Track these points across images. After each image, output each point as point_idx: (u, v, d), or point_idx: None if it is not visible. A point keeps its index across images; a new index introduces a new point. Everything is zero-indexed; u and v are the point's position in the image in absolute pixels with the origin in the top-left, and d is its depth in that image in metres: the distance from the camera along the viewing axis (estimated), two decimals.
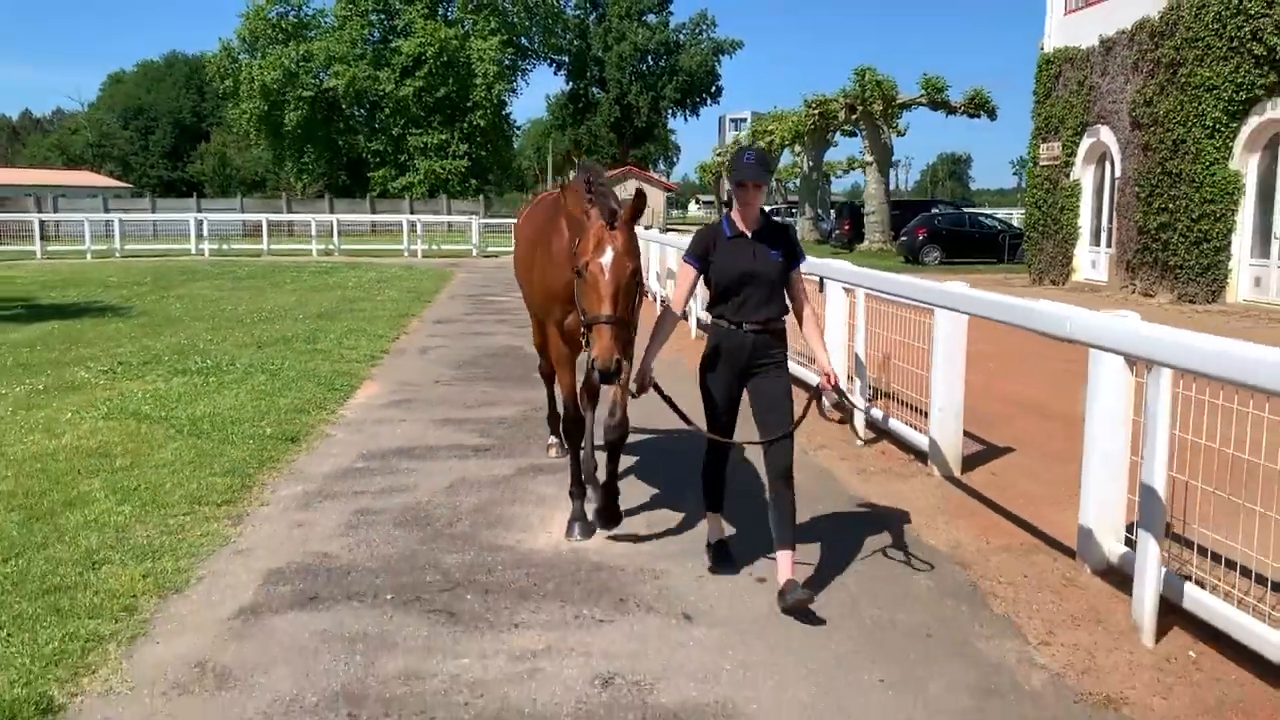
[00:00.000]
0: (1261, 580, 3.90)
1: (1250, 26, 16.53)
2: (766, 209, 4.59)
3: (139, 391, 8.66)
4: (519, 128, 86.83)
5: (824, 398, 4.64)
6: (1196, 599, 3.88)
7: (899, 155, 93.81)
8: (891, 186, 41.29)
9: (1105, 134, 21.20)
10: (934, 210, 34.97)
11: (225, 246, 33.48)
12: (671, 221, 71.17)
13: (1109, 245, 21.51)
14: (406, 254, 33.38)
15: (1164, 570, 4.01)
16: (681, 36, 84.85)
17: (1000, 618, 4.28)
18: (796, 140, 41.24)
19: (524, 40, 73.16)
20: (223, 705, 3.44)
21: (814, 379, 5.98)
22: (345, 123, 66.80)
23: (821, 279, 8.24)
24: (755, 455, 5.52)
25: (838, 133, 40.74)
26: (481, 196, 60.76)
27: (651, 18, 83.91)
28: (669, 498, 5.93)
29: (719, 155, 58.51)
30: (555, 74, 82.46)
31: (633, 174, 69.36)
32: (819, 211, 43.74)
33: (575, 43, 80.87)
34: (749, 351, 4.43)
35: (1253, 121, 16.88)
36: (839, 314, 7.83)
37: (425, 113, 63.36)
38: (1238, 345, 3.43)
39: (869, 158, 35.99)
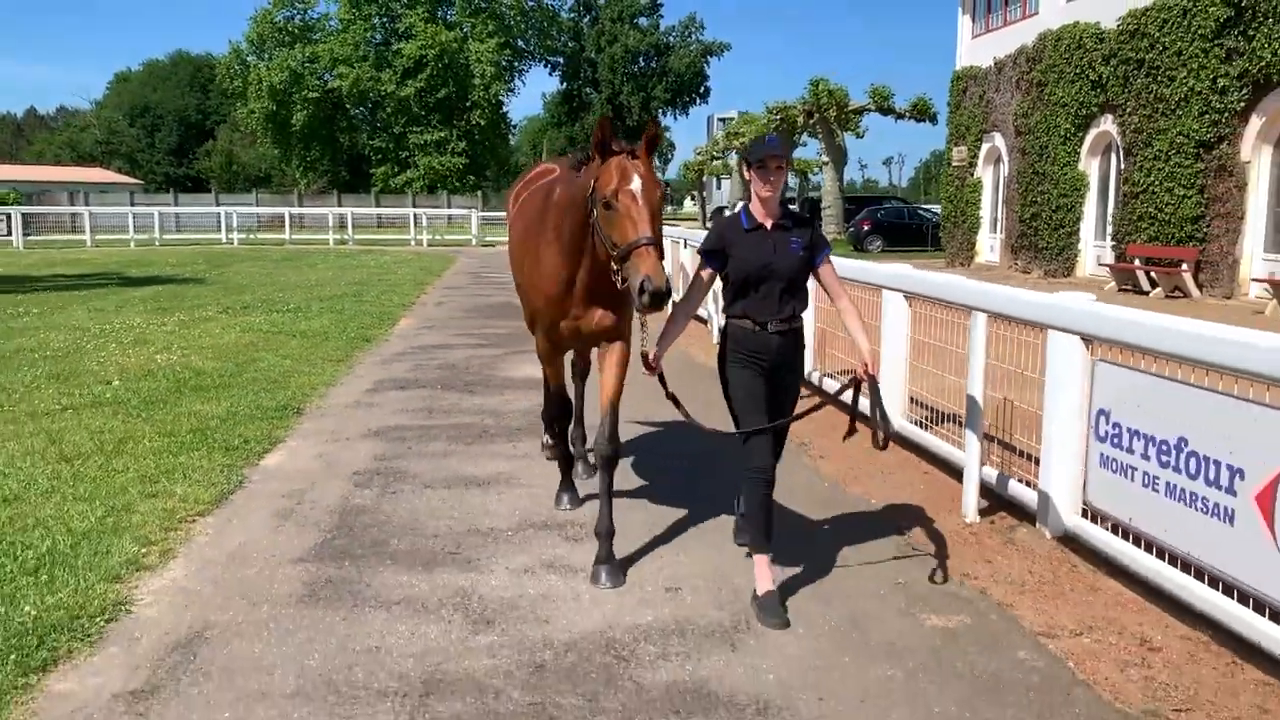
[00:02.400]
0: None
1: (1087, 58, 20.94)
2: (739, 204, 6.46)
3: (254, 321, 13.05)
4: (515, 126, 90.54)
5: (876, 430, 4.21)
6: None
7: (891, 153, 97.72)
8: (887, 183, 45.31)
9: (998, 140, 25.61)
10: (881, 206, 39.45)
11: (253, 236, 37.79)
12: (665, 218, 74.91)
13: (1000, 232, 25.92)
14: (413, 243, 37.67)
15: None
16: (671, 39, 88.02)
17: None
18: None
19: (520, 42, 76.68)
20: (371, 409, 7.87)
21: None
22: (349, 121, 70.67)
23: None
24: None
25: (804, 134, 45.03)
26: (480, 192, 65.04)
27: (643, 21, 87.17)
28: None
29: (699, 154, 62.36)
30: (550, 74, 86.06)
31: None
32: (786, 206, 48.04)
33: (570, 44, 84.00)
34: (774, 353, 4.18)
35: (1093, 132, 21.27)
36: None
37: (425, 112, 67.15)
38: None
39: (825, 158, 40.36)
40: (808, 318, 6.16)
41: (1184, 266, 17.88)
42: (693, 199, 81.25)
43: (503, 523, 5.27)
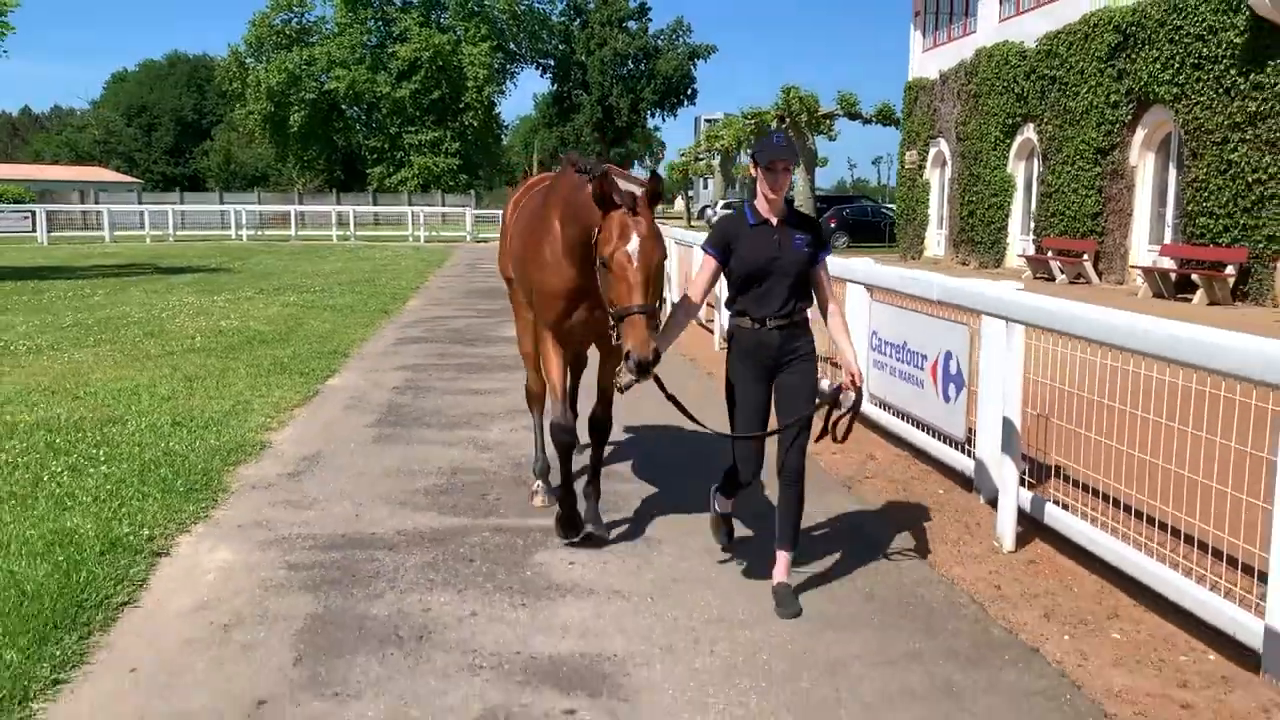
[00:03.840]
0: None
1: (1013, 73, 23.72)
2: (719, 203, 7.81)
3: (289, 299, 15.73)
4: (507, 126, 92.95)
5: (838, 402, 4.32)
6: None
7: (881, 152, 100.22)
8: (876, 182, 47.85)
9: (943, 145, 28.38)
10: (848, 205, 42.27)
11: (262, 232, 40.43)
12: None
13: (945, 228, 28.70)
14: (411, 239, 40.32)
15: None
16: (659, 42, 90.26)
17: None
18: (743, 145, 48.23)
19: (512, 45, 79.20)
20: (398, 354, 10.57)
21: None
22: (345, 122, 73.01)
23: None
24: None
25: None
26: (473, 191, 67.71)
27: (631, 24, 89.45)
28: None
29: (684, 156, 64.92)
30: (541, 76, 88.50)
31: (612, 172, 76.41)
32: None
33: (560, 47, 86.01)
34: (775, 348, 4.16)
35: (1018, 139, 24.05)
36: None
37: (420, 113, 69.59)
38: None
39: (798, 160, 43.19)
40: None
41: (1085, 257, 20.67)
42: (681, 198, 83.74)
43: (496, 409, 8.02)
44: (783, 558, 4.28)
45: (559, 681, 3.54)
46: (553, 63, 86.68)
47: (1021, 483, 5.12)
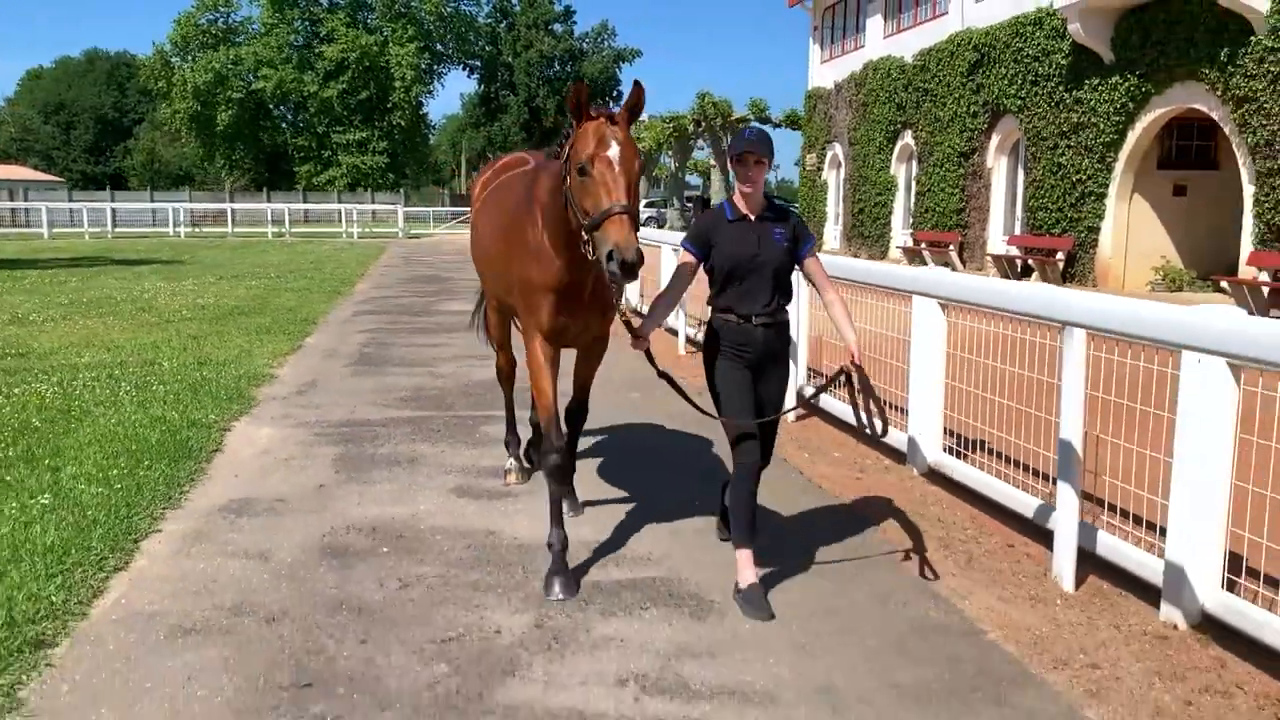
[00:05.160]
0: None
1: (894, 84, 26.70)
2: (644, 202, 9.10)
3: (251, 284, 17.81)
4: (434, 126, 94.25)
5: (866, 421, 4.22)
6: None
7: (796, 154, 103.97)
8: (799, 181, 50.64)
9: (838, 149, 31.32)
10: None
11: (198, 230, 41.88)
12: None
13: (840, 224, 31.66)
14: (344, 236, 42.11)
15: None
16: (585, 45, 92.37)
17: None
18: (664, 146, 50.92)
19: (439, 46, 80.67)
20: (357, 321, 12.84)
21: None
22: (272, 121, 73.82)
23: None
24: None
25: (695, 140, 50.56)
26: (402, 190, 69.31)
27: (557, 27, 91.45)
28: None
29: None
30: (469, 77, 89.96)
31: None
32: (684, 204, 53.65)
33: (487, 49, 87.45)
34: (760, 347, 4.15)
35: (899, 144, 27.04)
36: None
37: (348, 112, 70.70)
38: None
39: (713, 162, 46.00)
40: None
41: (951, 248, 23.67)
42: None
43: (445, 356, 10.41)
44: (746, 555, 4.17)
45: (494, 475, 5.99)
46: (479, 64, 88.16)
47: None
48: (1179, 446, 3.93)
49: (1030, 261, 20.29)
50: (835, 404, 7.29)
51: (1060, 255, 19.57)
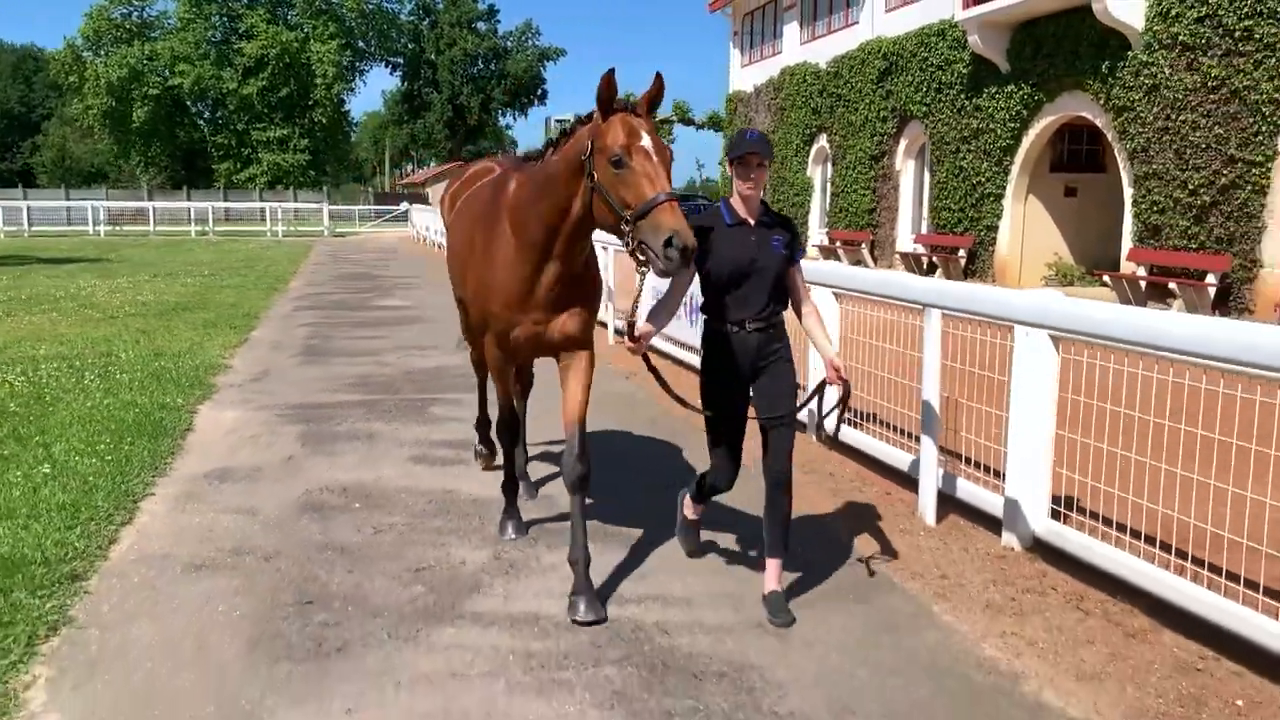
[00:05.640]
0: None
1: (810, 90, 27.92)
2: None
3: (186, 281, 18.15)
4: (356, 123, 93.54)
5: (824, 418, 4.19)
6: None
7: (702, 157, 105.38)
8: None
9: None
10: (684, 203, 46.36)
11: (119, 228, 41.40)
12: None
13: None
14: (269, 235, 42.04)
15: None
16: (509, 44, 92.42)
17: None
18: None
19: (361, 43, 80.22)
20: (298, 316, 13.39)
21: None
22: (189, 118, 72.78)
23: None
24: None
25: None
26: (325, 188, 68.93)
27: (481, 25, 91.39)
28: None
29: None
30: (391, 74, 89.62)
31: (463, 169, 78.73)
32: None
33: (410, 46, 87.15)
34: (754, 351, 4.05)
35: (814, 147, 28.27)
36: None
37: (268, 109, 69.95)
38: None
39: None
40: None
41: (863, 246, 24.94)
42: None
43: (387, 347, 11.09)
44: (774, 565, 4.14)
45: (447, 446, 6.76)
46: (402, 61, 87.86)
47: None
48: (1013, 404, 4.89)
49: (935, 259, 21.61)
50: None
51: (962, 253, 20.91)
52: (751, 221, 4.07)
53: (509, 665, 3.68)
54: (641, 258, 3.62)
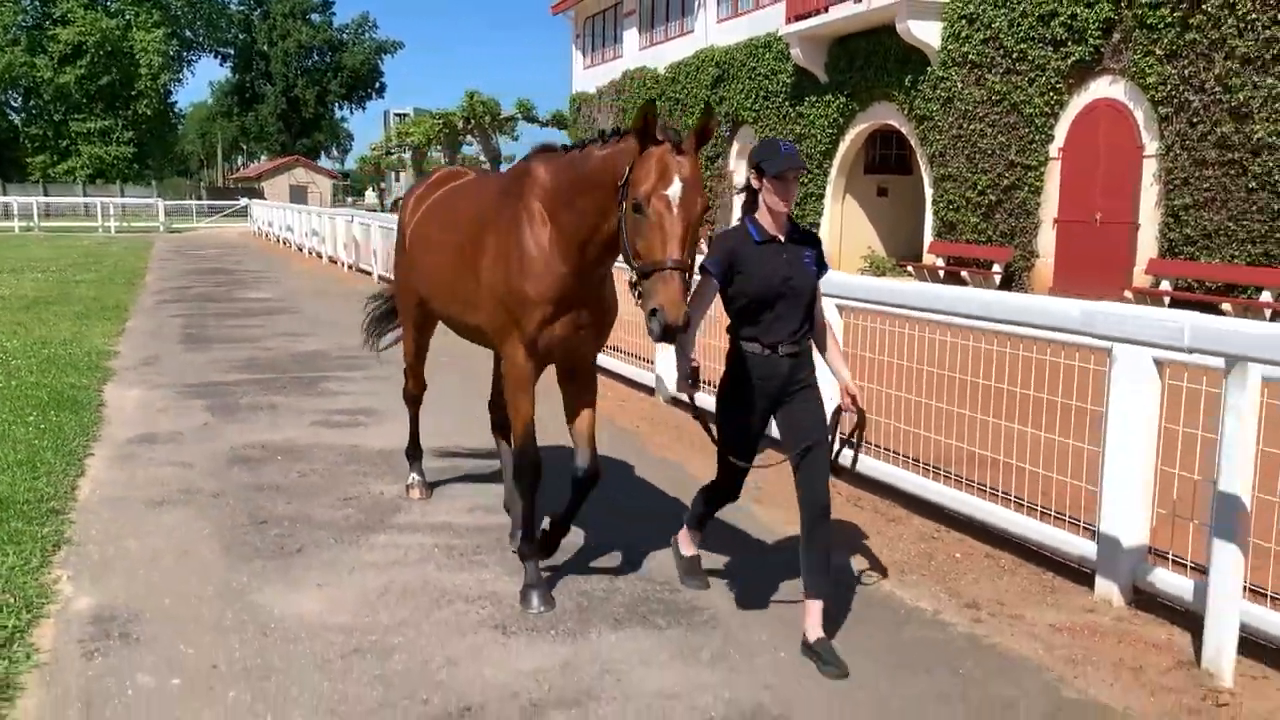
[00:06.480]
0: None
1: (649, 93, 29.46)
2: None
3: (34, 277, 18.07)
4: (182, 115, 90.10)
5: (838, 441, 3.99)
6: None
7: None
8: None
9: None
10: None
11: None
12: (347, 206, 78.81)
13: None
14: (101, 230, 40.68)
15: None
16: (345, 36, 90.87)
17: None
18: (434, 142, 52.00)
19: (188, 33, 77.48)
20: (167, 307, 13.89)
21: None
22: None
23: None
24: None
25: (465, 137, 51.99)
26: (154, 183, 66.41)
27: (315, 17, 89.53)
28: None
29: (375, 149, 67.30)
30: (221, 65, 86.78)
31: (300, 163, 77.30)
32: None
33: (240, 37, 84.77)
34: (784, 377, 3.86)
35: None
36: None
37: (87, 100, 66.79)
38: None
39: (483, 158, 47.68)
40: None
41: (701, 240, 26.67)
42: (374, 190, 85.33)
43: (266, 334, 11.88)
44: (816, 607, 3.80)
45: (344, 413, 7.79)
46: (233, 52, 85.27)
47: None
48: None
49: None
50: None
51: None
52: (781, 238, 3.87)
53: (435, 554, 4.85)
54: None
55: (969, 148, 18.00)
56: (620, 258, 3.76)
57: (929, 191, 19.17)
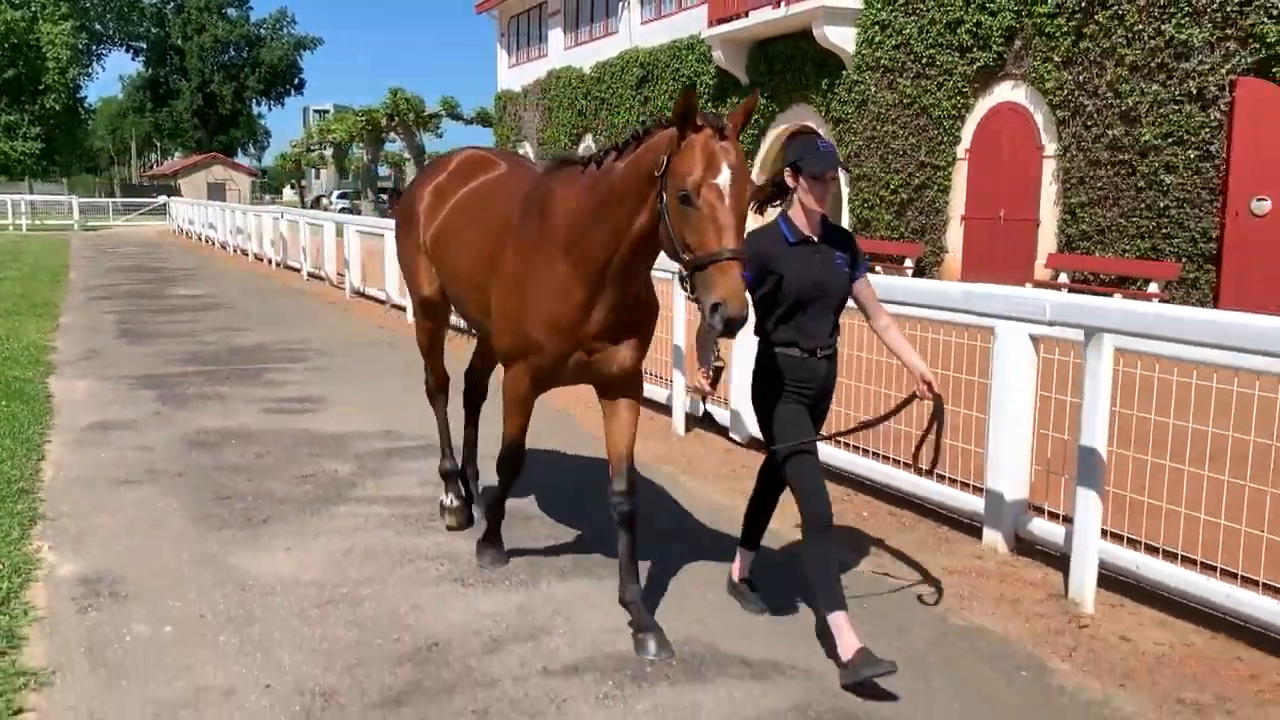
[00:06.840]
0: None
1: (575, 92, 29.93)
2: (335, 193, 10.64)
3: None
4: (92, 110, 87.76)
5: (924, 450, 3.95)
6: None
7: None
8: None
9: (529, 148, 34.22)
10: None
11: None
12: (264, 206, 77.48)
13: None
14: (13, 228, 39.64)
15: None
16: (263, 31, 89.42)
17: None
18: (356, 139, 51.66)
19: (98, 26, 75.53)
20: (99, 304, 13.93)
21: None
22: None
23: None
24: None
25: (388, 134, 51.73)
26: (64, 180, 64.57)
27: (231, 12, 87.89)
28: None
29: (295, 146, 66.51)
30: (133, 59, 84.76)
31: (217, 160, 75.81)
32: (377, 195, 54.64)
33: (154, 31, 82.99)
34: (822, 380, 3.86)
35: (582, 146, 30.34)
36: None
37: None
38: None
39: (408, 155, 47.60)
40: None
41: None
42: (292, 187, 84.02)
43: (204, 329, 12.06)
44: (843, 619, 3.67)
45: (293, 401, 8.13)
46: (145, 46, 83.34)
47: None
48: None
49: None
50: None
51: None
52: (815, 239, 3.81)
53: (392, 522, 5.28)
54: (695, 304, 3.34)
55: (882, 149, 18.84)
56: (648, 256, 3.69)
57: (845, 191, 19.97)
